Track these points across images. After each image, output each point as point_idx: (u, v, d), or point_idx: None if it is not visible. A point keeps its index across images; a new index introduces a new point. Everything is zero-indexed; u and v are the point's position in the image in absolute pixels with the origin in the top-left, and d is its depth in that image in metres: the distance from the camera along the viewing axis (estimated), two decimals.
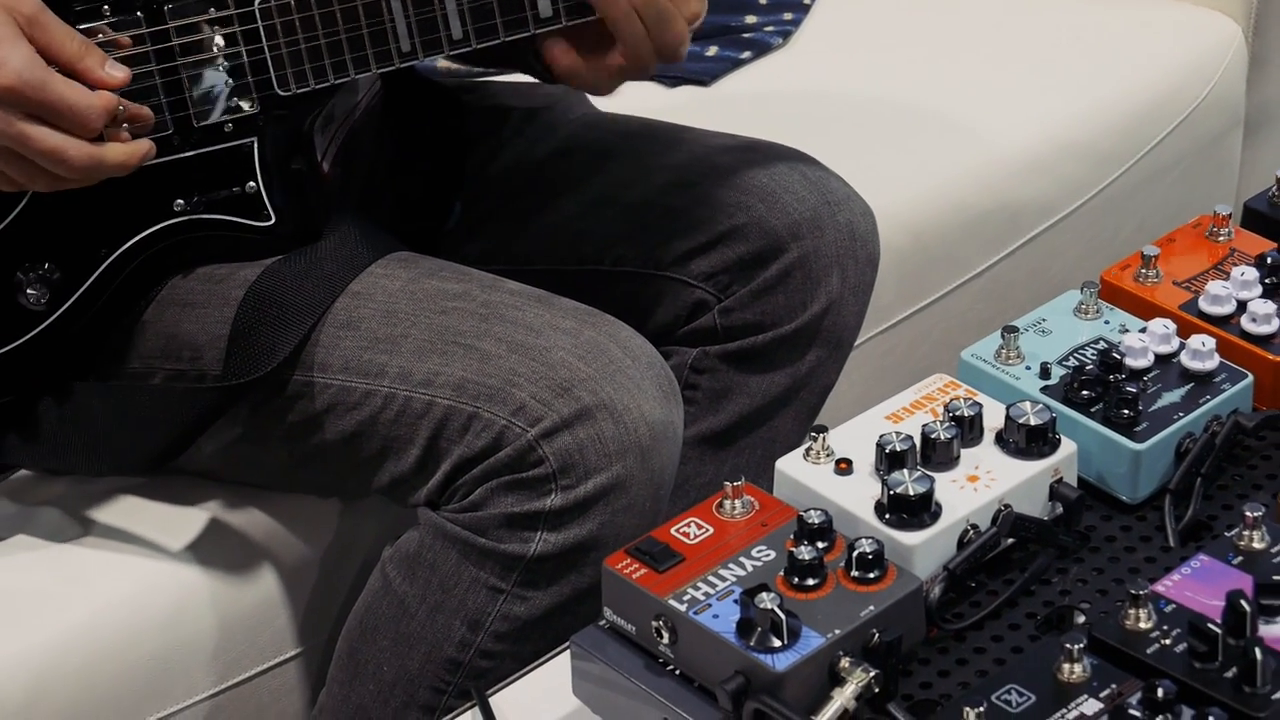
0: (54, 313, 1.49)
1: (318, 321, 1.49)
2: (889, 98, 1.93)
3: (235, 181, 1.50)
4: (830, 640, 1.12)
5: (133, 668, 1.52)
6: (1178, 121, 2.13)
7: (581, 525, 1.44)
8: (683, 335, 1.66)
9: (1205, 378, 1.32)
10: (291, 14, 1.46)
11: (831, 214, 1.64)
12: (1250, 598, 1.11)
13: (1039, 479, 1.25)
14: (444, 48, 1.49)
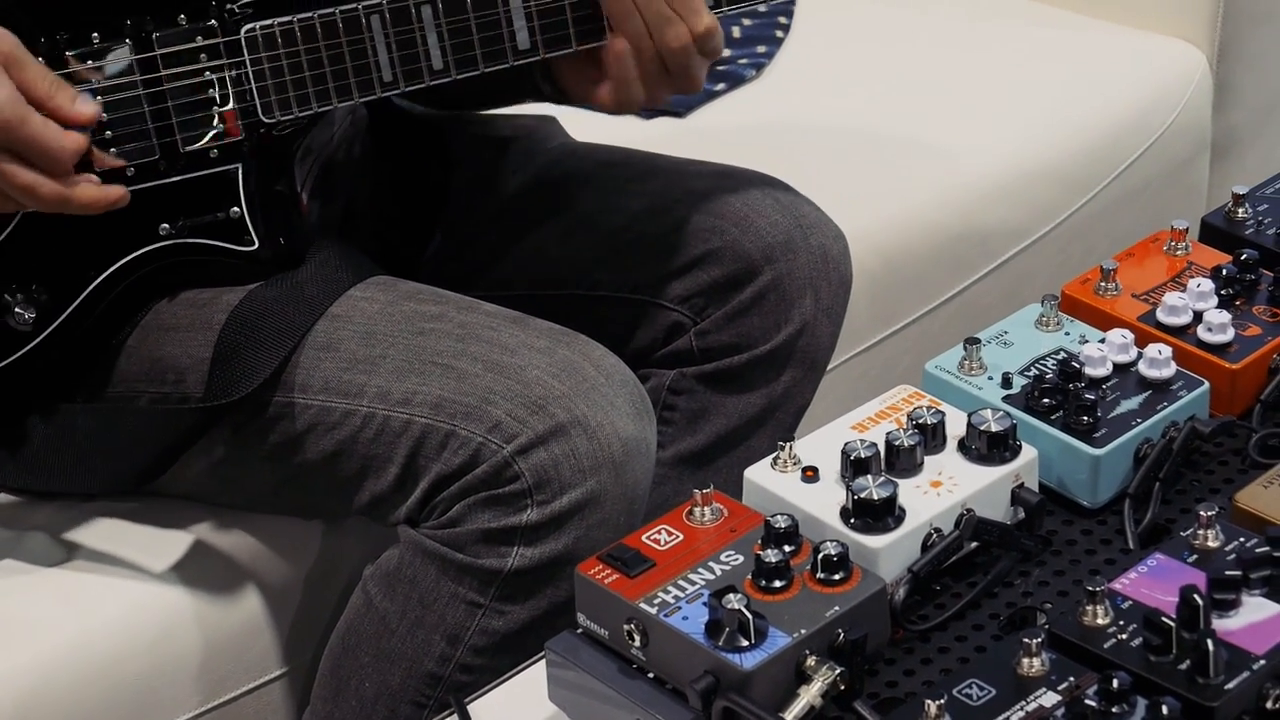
0: (40, 334, 1.49)
1: (298, 344, 1.49)
2: (860, 125, 1.95)
3: (220, 206, 1.51)
4: (797, 640, 1.13)
5: (119, 688, 1.52)
6: (1145, 147, 2.14)
7: (557, 540, 1.45)
8: (660, 357, 1.67)
9: (1162, 385, 1.34)
10: (276, 44, 1.47)
11: (804, 237, 1.66)
12: (1204, 593, 1.12)
13: (1001, 484, 1.26)
14: (425, 78, 1.50)
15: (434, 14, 1.48)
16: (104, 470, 1.55)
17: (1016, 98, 2.08)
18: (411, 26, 1.48)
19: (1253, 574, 1.16)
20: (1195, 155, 2.22)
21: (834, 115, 1.86)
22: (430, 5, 1.48)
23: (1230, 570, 1.16)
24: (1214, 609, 1.13)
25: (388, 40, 1.48)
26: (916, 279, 1.97)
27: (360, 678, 1.52)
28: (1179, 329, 1.40)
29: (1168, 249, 1.48)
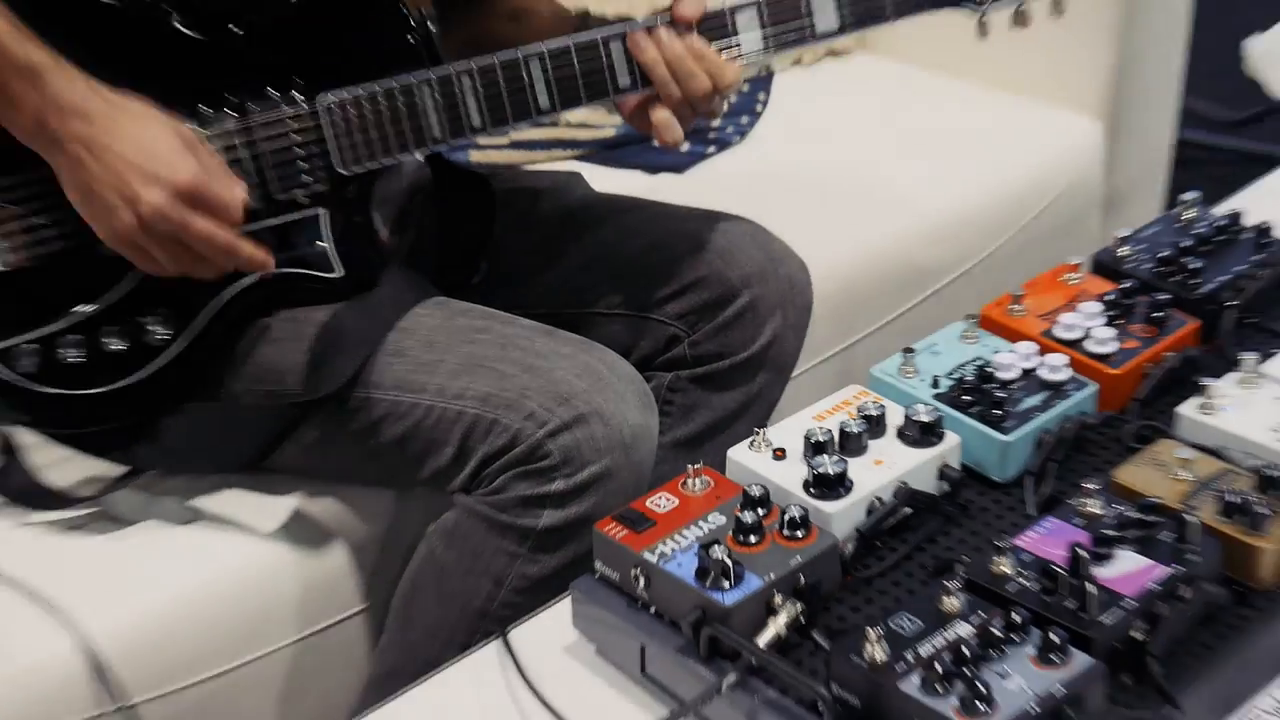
0: (171, 346, 1.50)
1: (374, 351, 1.50)
2: (821, 180, 1.95)
3: (308, 241, 1.51)
4: (767, 582, 1.15)
5: (237, 618, 1.54)
6: (1051, 199, 2.16)
7: (579, 504, 1.46)
8: (660, 363, 1.68)
9: (1058, 386, 1.35)
10: (347, 110, 1.48)
11: (775, 268, 1.67)
12: (1087, 548, 1.15)
13: (930, 463, 1.28)
14: (466, 133, 1.51)
15: (471, 82, 1.49)
16: (224, 454, 1.58)
17: (948, 158, 2.08)
18: (454, 93, 1.49)
19: (1126, 534, 1.18)
20: (1090, 205, 2.23)
21: (800, 171, 1.87)
22: (469, 75, 1.49)
23: (1108, 531, 1.17)
24: (1094, 561, 1.15)
25: (436, 104, 1.49)
26: (865, 303, 1.98)
27: (424, 612, 1.53)
28: (1072, 342, 1.41)
29: (1065, 279, 1.49)
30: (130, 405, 1.52)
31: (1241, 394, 1.33)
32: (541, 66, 1.50)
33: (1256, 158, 3.07)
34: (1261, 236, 1.54)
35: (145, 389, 1.51)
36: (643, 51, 1.49)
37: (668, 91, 1.50)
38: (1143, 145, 2.27)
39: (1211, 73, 3.30)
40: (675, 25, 1.50)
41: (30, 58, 1.33)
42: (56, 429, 1.54)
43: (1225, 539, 1.19)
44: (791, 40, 1.53)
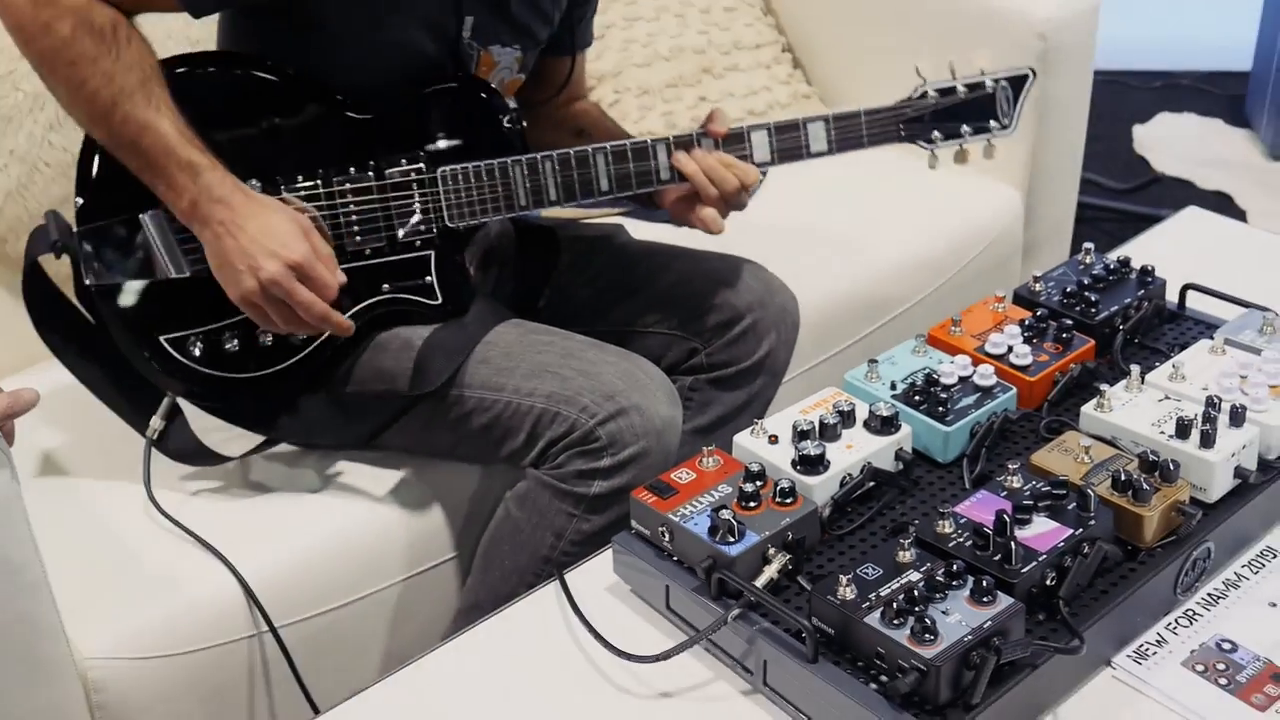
0: (309, 347, 1.50)
1: (465, 359, 1.50)
2: (807, 230, 1.94)
3: (419, 276, 1.51)
4: (763, 538, 1.15)
5: (357, 561, 1.53)
6: (981, 249, 2.13)
7: (621, 477, 1.45)
8: (683, 369, 1.67)
9: (987, 390, 1.34)
10: (459, 179, 1.48)
11: (771, 297, 1.66)
12: (1010, 514, 1.14)
13: (889, 447, 1.27)
14: (545, 204, 1.51)
15: (552, 168, 1.49)
16: (348, 430, 1.55)
17: (904, 215, 2.07)
18: (539, 173, 1.50)
19: (1039, 504, 1.17)
20: (1012, 252, 2.21)
21: (790, 223, 1.86)
22: (550, 160, 1.49)
23: (1026, 501, 1.17)
24: (1015, 524, 1.14)
25: (524, 181, 1.49)
26: (839, 325, 1.96)
27: (501, 558, 1.52)
28: (999, 356, 1.39)
29: (993, 308, 1.48)
30: (270, 388, 1.51)
31: (1129, 397, 1.31)
32: (605, 160, 1.50)
33: (1140, 217, 3.05)
34: (1144, 275, 1.52)
35: (284, 377, 1.51)
36: (684, 165, 1.51)
37: (707, 193, 1.51)
38: (1053, 207, 2.25)
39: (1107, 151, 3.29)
40: (708, 137, 1.52)
41: (191, 157, 1.36)
42: (214, 402, 1.53)
43: (1117, 508, 1.18)
44: (790, 155, 1.55)
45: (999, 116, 1.58)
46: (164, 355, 1.47)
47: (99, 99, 1.34)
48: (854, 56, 2.34)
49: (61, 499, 1.56)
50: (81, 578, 1.41)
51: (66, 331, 1.51)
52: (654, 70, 2.25)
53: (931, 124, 1.57)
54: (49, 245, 1.46)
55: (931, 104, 1.57)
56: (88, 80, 1.33)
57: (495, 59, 1.55)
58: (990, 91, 1.57)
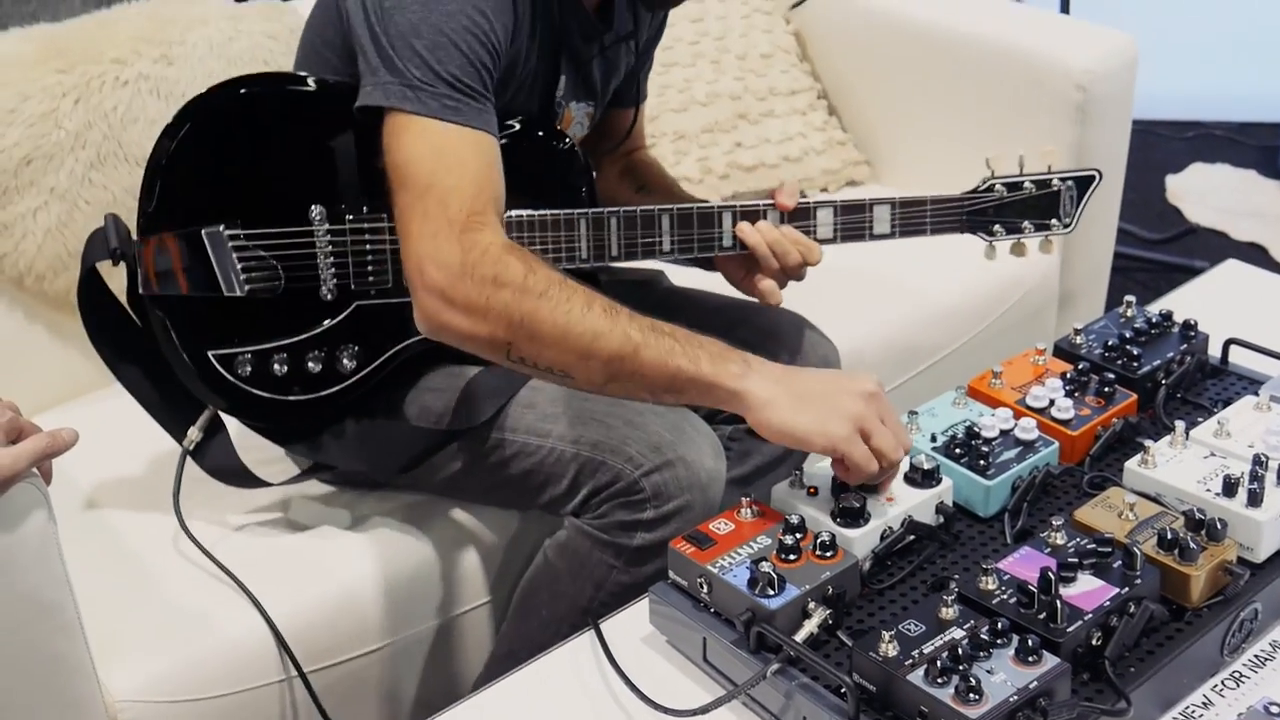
0: (356, 375, 1.49)
1: (507, 401, 1.48)
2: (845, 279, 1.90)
3: None
4: (804, 591, 1.13)
5: (390, 603, 1.51)
6: (1019, 296, 2.12)
7: (664, 530, 1.42)
8: (723, 418, 1.63)
9: (1029, 444, 1.32)
10: (510, 229, 1.44)
11: (814, 350, 1.65)
12: (1055, 571, 1.12)
13: (929, 501, 1.26)
14: (606, 260, 1.50)
15: (617, 224, 1.49)
16: (387, 459, 1.53)
17: (942, 265, 2.04)
18: (604, 229, 1.49)
19: (1084, 561, 1.15)
20: (1049, 301, 2.19)
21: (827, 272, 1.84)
22: (615, 217, 1.49)
23: (1072, 559, 1.15)
24: (1060, 582, 1.12)
25: (588, 235, 1.48)
26: (876, 373, 1.92)
27: (539, 607, 1.50)
28: (1040, 409, 1.38)
29: (1033, 360, 1.47)
30: (313, 413, 1.50)
31: (1174, 453, 1.29)
32: (670, 222, 1.50)
33: (1175, 268, 3.04)
34: (1187, 330, 1.51)
35: (327, 403, 1.50)
36: (747, 236, 1.51)
37: (769, 265, 1.51)
38: (1089, 258, 2.24)
39: (1140, 201, 3.28)
40: (774, 210, 1.52)
41: (739, 370, 1.29)
42: (257, 422, 1.52)
43: (1163, 567, 1.16)
44: (853, 236, 1.56)
45: (1061, 216, 1.59)
46: (210, 370, 1.47)
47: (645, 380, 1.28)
48: (889, 104, 2.34)
49: (95, 531, 1.56)
50: (112, 615, 1.40)
51: (117, 337, 1.51)
52: (690, 115, 2.26)
53: (994, 217, 1.58)
54: (108, 251, 1.45)
55: (998, 198, 1.57)
56: (594, 349, 1.28)
57: (573, 115, 1.56)
58: (1056, 190, 1.58)
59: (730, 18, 2.36)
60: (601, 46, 1.55)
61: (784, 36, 2.38)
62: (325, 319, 1.47)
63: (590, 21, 1.51)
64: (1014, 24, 2.19)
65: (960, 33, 2.20)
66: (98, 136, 1.74)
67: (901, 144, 2.34)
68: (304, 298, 1.45)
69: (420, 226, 1.28)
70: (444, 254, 1.27)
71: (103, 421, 1.61)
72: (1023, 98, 2.11)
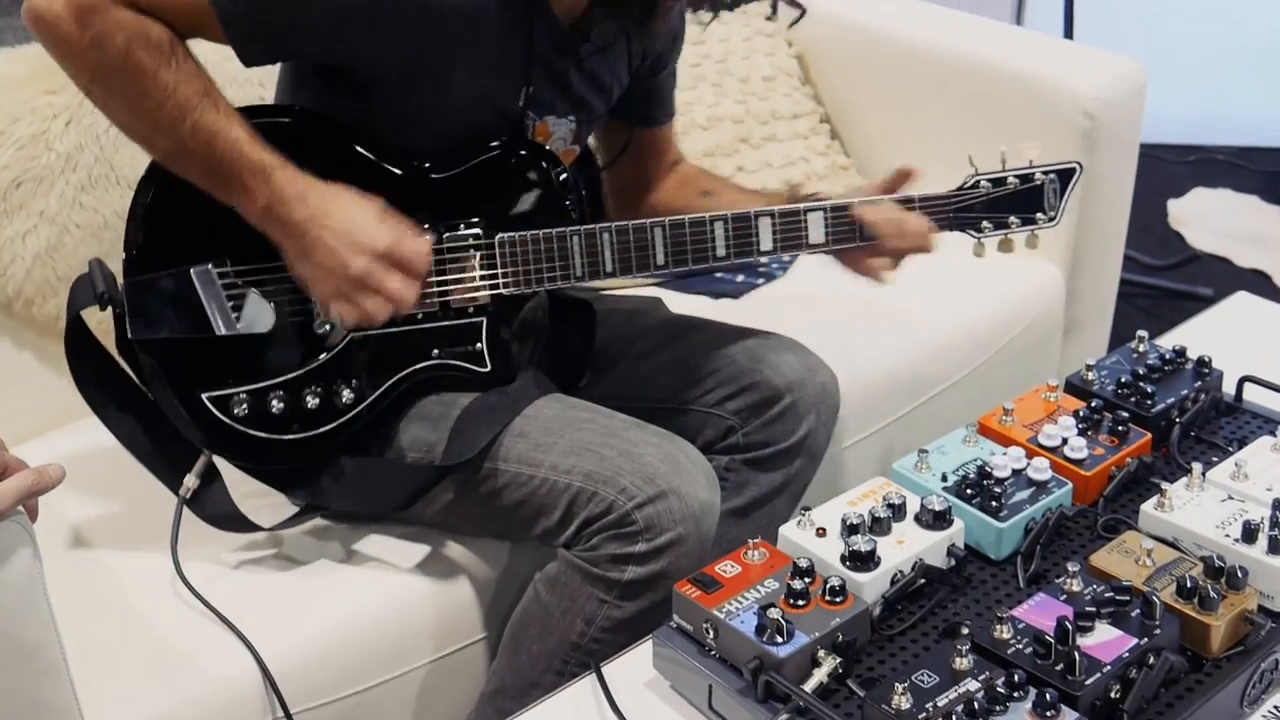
0: (354, 409, 1.46)
1: (501, 431, 1.45)
2: (846, 306, 1.89)
3: (469, 343, 1.48)
4: (813, 639, 1.11)
5: (383, 641, 1.48)
6: (1023, 326, 2.09)
7: (656, 563, 1.40)
8: (719, 448, 1.62)
9: (1042, 484, 1.30)
10: (516, 247, 1.45)
11: (811, 377, 1.62)
12: (1072, 620, 1.10)
13: (940, 543, 1.23)
14: (601, 276, 1.48)
15: (610, 239, 1.47)
16: (384, 497, 1.50)
17: (945, 293, 2.02)
18: (596, 245, 1.47)
19: (1102, 610, 1.12)
20: (1054, 330, 2.16)
21: (829, 299, 1.81)
22: (607, 232, 1.47)
23: (1089, 607, 1.12)
24: (1078, 632, 1.10)
25: (580, 251, 1.47)
26: (877, 403, 1.92)
27: (529, 642, 1.47)
28: (1053, 448, 1.35)
29: (1044, 397, 1.44)
30: (311, 451, 1.48)
31: (1190, 496, 1.27)
32: (663, 233, 1.48)
33: (1179, 294, 3.02)
34: (1201, 367, 1.48)
35: (325, 440, 1.47)
36: (868, 213, 1.52)
37: (890, 245, 1.54)
38: (1095, 286, 2.21)
39: (1141, 225, 3.25)
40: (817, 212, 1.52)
41: (262, 158, 1.35)
42: (252, 463, 1.50)
43: (1183, 616, 1.13)
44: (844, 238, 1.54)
45: (1045, 209, 1.56)
46: (205, 414, 1.44)
47: (162, 110, 1.33)
48: (894, 129, 2.31)
49: (84, 567, 1.52)
50: (100, 655, 1.36)
51: (105, 386, 1.48)
52: (691, 139, 2.22)
53: (981, 214, 1.56)
54: (95, 297, 1.43)
55: (983, 194, 1.55)
56: (149, 92, 1.32)
57: (550, 129, 1.53)
58: (1039, 184, 1.56)
59: (732, 40, 2.33)
60: (578, 59, 1.51)
61: (786, 59, 2.35)
62: (321, 353, 1.44)
63: (563, 32, 1.48)
64: (1021, 49, 2.17)
65: (966, 57, 2.18)
66: (89, 159, 1.71)
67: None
68: (298, 333, 1.42)
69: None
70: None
71: (93, 450, 1.57)
72: (1029, 124, 2.08)
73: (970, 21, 2.27)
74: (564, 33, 1.47)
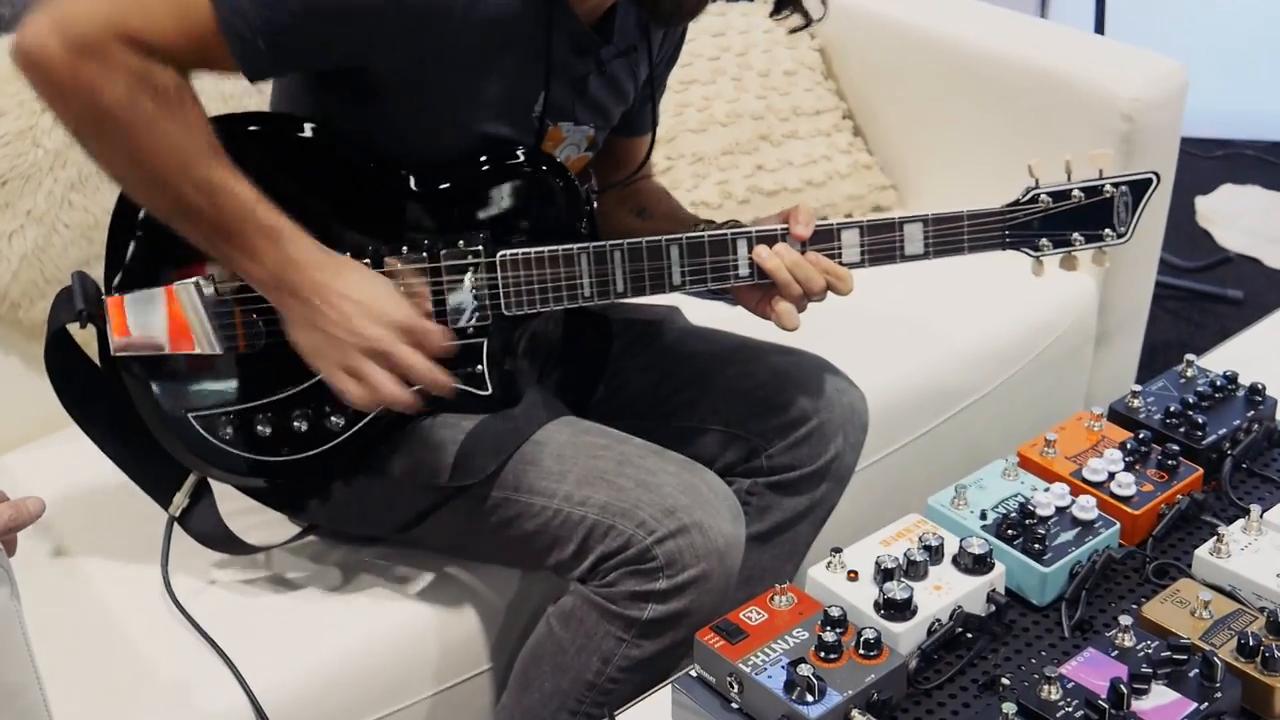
0: (347, 432, 1.39)
1: (509, 457, 1.38)
2: (871, 318, 1.83)
3: (470, 363, 1.40)
4: (846, 698, 1.04)
5: (387, 672, 1.42)
6: (1054, 338, 2.02)
7: (678, 601, 1.33)
8: (741, 470, 1.55)
9: (1088, 524, 1.23)
10: (519, 266, 1.37)
11: (839, 397, 1.55)
12: (1126, 681, 1.03)
13: (980, 589, 1.17)
14: (611, 296, 1.40)
15: (621, 258, 1.38)
16: (382, 520, 1.44)
17: (974, 303, 1.96)
18: (606, 265, 1.39)
19: (1159, 671, 1.05)
20: (1085, 340, 2.09)
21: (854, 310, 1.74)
22: (619, 250, 1.38)
23: (1144, 667, 1.05)
24: (1133, 694, 1.03)
25: (590, 271, 1.38)
26: (903, 420, 1.85)
27: (541, 679, 1.41)
28: (1099, 484, 1.29)
29: (1088, 426, 1.37)
30: (302, 473, 1.41)
31: (1248, 540, 1.20)
32: (679, 253, 1.39)
33: (1209, 296, 2.94)
34: (1254, 395, 1.41)
35: (318, 463, 1.40)
36: (765, 261, 1.39)
37: (789, 291, 1.39)
38: (1129, 295, 2.13)
39: (1170, 224, 3.16)
40: (790, 239, 1.40)
41: (273, 221, 1.25)
42: (244, 484, 1.44)
43: (1244, 677, 1.06)
44: (882, 258, 1.42)
45: (1115, 225, 1.42)
46: (192, 434, 1.38)
47: (161, 163, 1.23)
48: (919, 126, 2.23)
49: (68, 587, 1.46)
50: (84, 687, 1.31)
51: (90, 402, 1.42)
52: (709, 136, 2.15)
53: (1040, 230, 1.42)
54: (74, 313, 1.36)
55: (1042, 209, 1.42)
56: (150, 143, 1.22)
57: (564, 135, 1.44)
58: (1109, 197, 1.42)
59: (753, 32, 2.25)
60: (599, 62, 1.44)
61: (809, 53, 2.27)
62: (311, 375, 1.36)
63: (584, 33, 1.39)
64: (1054, 45, 2.09)
65: (995, 53, 2.10)
66: (79, 155, 1.60)
67: (930, 168, 2.24)
68: (286, 352, 1.34)
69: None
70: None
71: (81, 459, 1.50)
72: (1062, 125, 2.00)
73: (999, 15, 2.19)
74: (585, 34, 1.39)
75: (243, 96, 1.69)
